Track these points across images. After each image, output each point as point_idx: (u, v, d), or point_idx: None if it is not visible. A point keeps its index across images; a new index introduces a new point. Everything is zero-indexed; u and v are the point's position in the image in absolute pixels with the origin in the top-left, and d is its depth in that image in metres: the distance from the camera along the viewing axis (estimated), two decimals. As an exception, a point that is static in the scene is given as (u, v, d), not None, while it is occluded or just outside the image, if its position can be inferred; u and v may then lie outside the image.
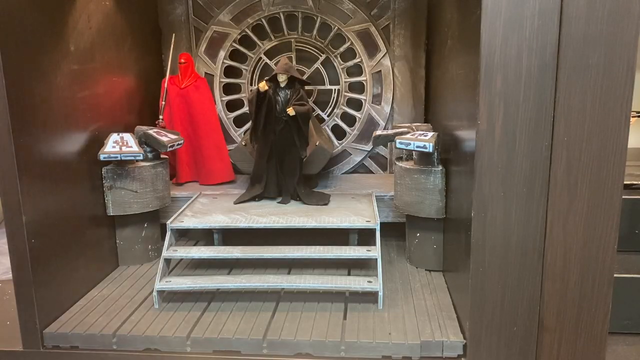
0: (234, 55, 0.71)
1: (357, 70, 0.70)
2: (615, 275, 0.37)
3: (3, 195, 0.41)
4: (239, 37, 0.70)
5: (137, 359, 0.42)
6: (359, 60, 0.69)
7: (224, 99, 0.72)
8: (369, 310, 0.45)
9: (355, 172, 0.72)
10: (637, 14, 0.33)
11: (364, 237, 0.52)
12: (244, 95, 0.72)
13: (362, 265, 0.54)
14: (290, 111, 0.53)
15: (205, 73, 0.71)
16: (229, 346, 0.42)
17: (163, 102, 0.65)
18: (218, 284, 0.47)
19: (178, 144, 0.57)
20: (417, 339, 0.40)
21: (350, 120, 0.71)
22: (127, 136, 0.53)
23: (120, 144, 0.52)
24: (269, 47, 0.71)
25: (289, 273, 0.51)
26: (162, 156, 0.58)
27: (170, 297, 0.48)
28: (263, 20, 0.70)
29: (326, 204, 0.55)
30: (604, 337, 0.38)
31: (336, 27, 0.69)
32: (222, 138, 0.67)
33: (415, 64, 0.69)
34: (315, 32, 0.70)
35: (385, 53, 0.69)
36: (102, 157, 0.51)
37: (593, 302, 0.37)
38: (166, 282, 0.47)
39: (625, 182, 0.36)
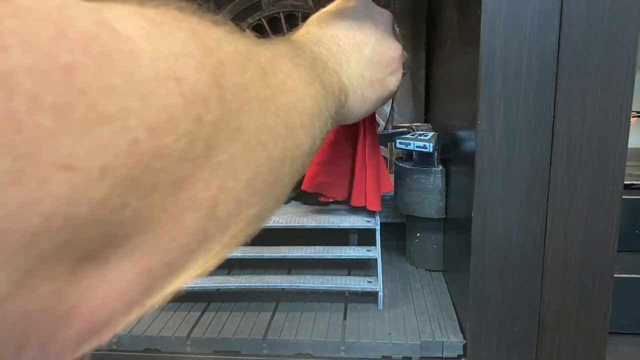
0: (234, 55, 0.71)
1: (357, 70, 0.70)
2: (615, 275, 0.37)
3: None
4: (239, 37, 0.70)
5: (137, 359, 0.42)
6: (359, 60, 0.69)
7: (224, 99, 0.71)
8: (369, 310, 0.45)
9: (355, 172, 0.72)
10: (637, 14, 0.33)
11: (364, 237, 0.52)
12: (244, 95, 0.72)
13: (362, 265, 0.54)
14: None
15: (205, 73, 0.71)
16: (229, 346, 0.42)
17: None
18: (218, 284, 0.47)
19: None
20: (417, 339, 0.40)
21: (350, 120, 0.71)
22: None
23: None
24: (269, 47, 0.71)
25: (289, 273, 0.51)
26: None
27: (170, 297, 0.48)
28: (263, 20, 0.70)
29: (326, 204, 0.55)
30: (604, 337, 0.38)
31: (336, 27, 0.69)
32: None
33: (415, 64, 0.69)
34: (315, 32, 0.70)
35: (385, 53, 0.69)
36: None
37: (593, 302, 0.37)
38: (166, 282, 0.47)
39: (625, 182, 0.36)
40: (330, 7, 0.34)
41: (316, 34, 0.30)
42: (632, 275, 0.45)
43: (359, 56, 0.31)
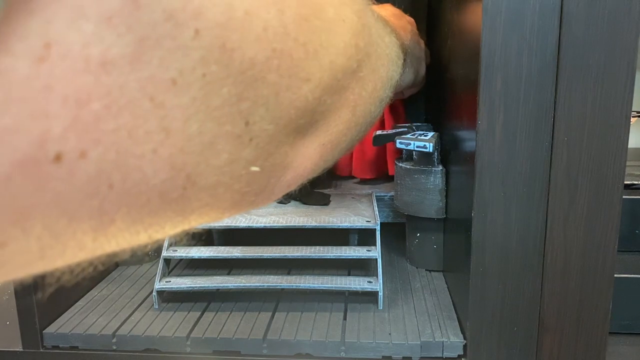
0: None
1: (357, 70, 0.70)
2: (615, 275, 0.37)
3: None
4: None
5: (136, 359, 0.42)
6: (359, 60, 0.69)
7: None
8: (369, 311, 0.45)
9: (355, 172, 0.72)
10: (637, 15, 0.33)
11: (364, 237, 0.52)
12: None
13: (362, 266, 0.54)
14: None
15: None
16: (229, 346, 0.42)
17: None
18: (218, 284, 0.47)
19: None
20: (417, 339, 0.40)
21: (350, 120, 0.71)
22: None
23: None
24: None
25: (289, 273, 0.51)
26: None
27: (170, 297, 0.48)
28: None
29: (326, 204, 0.55)
30: (604, 338, 0.38)
31: (336, 27, 0.69)
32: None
33: (415, 64, 0.69)
34: (315, 32, 0.70)
35: (385, 53, 0.69)
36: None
37: (593, 303, 0.37)
38: (166, 282, 0.47)
39: (625, 182, 0.36)
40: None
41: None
42: (632, 275, 0.45)
43: (403, 36, 0.42)
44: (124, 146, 0.11)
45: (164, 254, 0.48)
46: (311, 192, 0.59)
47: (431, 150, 0.49)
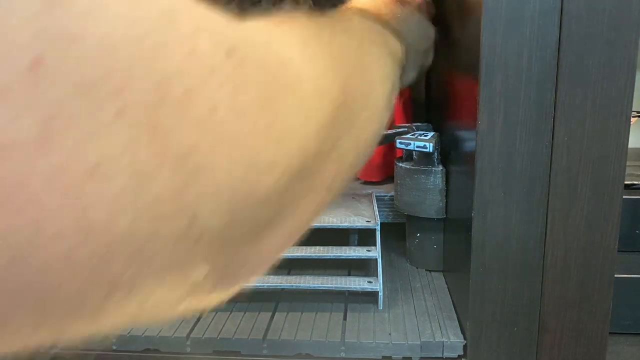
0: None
1: (357, 70, 0.70)
2: (615, 275, 0.37)
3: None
4: (239, 37, 0.70)
5: (136, 359, 0.42)
6: (359, 60, 0.69)
7: (224, 99, 0.71)
8: (369, 311, 0.45)
9: (355, 172, 0.72)
10: (637, 14, 0.33)
11: (364, 237, 0.52)
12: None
13: (362, 266, 0.54)
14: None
15: (205, 73, 0.71)
16: (229, 346, 0.42)
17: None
18: (218, 284, 0.47)
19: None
20: (417, 340, 0.40)
21: (350, 120, 0.71)
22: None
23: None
24: (269, 47, 0.70)
25: (289, 273, 0.51)
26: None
27: (170, 297, 0.48)
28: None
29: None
30: (604, 338, 0.38)
31: (336, 27, 0.69)
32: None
33: (415, 64, 0.69)
34: (315, 32, 0.69)
35: (385, 53, 0.68)
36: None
37: (594, 303, 0.37)
38: (166, 282, 0.47)
39: (625, 182, 0.36)
40: None
41: (375, 8, 0.36)
42: (632, 275, 0.45)
43: (407, 26, 0.39)
44: (23, 249, 0.09)
45: (164, 254, 0.48)
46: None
47: (431, 150, 0.49)
